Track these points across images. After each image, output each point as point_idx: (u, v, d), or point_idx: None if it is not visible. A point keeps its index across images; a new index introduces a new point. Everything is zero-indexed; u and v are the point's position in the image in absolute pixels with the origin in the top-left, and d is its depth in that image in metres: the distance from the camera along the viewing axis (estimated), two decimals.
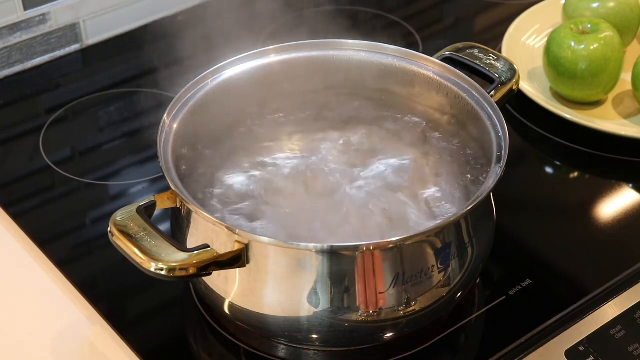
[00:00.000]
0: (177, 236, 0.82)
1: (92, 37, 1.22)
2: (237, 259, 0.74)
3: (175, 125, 0.85)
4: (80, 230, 0.98)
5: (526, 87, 1.10)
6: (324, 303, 0.76)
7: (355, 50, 0.93)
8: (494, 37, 1.21)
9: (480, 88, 0.88)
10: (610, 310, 0.87)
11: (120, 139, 1.09)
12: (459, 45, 0.94)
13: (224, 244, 0.75)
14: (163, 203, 0.79)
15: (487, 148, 0.84)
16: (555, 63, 1.07)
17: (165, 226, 0.90)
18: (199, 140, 0.89)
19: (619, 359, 0.84)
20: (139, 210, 0.76)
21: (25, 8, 1.15)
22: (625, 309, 0.87)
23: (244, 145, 0.91)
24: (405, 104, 0.93)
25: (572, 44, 1.06)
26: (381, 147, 0.91)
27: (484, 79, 0.91)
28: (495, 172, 0.79)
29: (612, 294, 0.89)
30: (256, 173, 0.88)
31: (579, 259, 0.93)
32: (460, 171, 0.88)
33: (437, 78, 0.90)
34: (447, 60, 0.92)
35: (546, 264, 0.92)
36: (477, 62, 0.92)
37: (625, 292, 0.89)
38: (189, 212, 0.79)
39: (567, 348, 0.84)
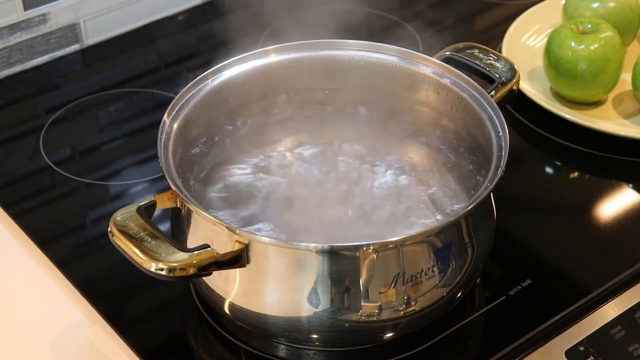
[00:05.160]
0: (177, 236, 0.82)
1: (92, 37, 1.22)
2: (237, 259, 0.74)
3: (175, 125, 0.85)
4: (80, 230, 0.98)
5: (526, 87, 1.10)
6: (324, 303, 0.76)
7: (355, 50, 0.93)
8: (494, 37, 1.21)
9: (480, 88, 0.88)
10: (610, 310, 0.87)
11: (120, 139, 1.09)
12: (459, 45, 0.94)
13: (224, 244, 0.75)
14: (163, 203, 0.79)
15: (487, 148, 0.84)
16: (555, 63, 1.07)
17: (165, 226, 0.90)
18: (199, 140, 0.89)
19: (619, 359, 0.84)
20: (139, 210, 0.76)
21: (25, 8, 1.15)
22: (625, 309, 0.87)
23: (244, 145, 0.91)
24: (405, 104, 0.93)
25: (572, 44, 1.06)
26: (381, 147, 0.91)
27: (484, 79, 0.91)
28: (495, 172, 0.79)
29: (612, 294, 0.89)
30: (256, 173, 0.88)
31: (579, 259, 0.93)
32: (460, 171, 0.88)
33: (437, 78, 0.90)
34: (447, 60, 0.92)
35: (546, 264, 0.92)
36: (477, 62, 0.92)
37: (625, 292, 0.89)
38: (189, 212, 0.79)
39: (567, 348, 0.84)
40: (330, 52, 0.93)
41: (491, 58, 0.92)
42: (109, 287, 0.91)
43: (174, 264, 0.72)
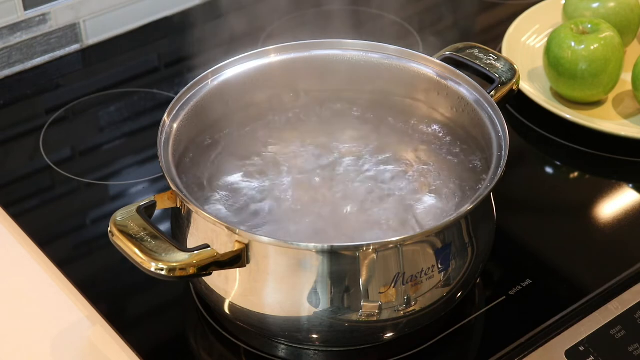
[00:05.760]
0: (177, 236, 0.82)
1: (92, 37, 1.22)
2: (237, 259, 0.74)
3: (175, 125, 0.85)
4: (80, 230, 0.98)
5: (526, 87, 1.10)
6: (324, 303, 0.76)
7: (355, 50, 0.93)
8: (494, 37, 1.21)
9: (480, 88, 0.88)
10: (610, 310, 0.87)
11: (120, 139, 1.09)
12: (459, 45, 0.94)
13: (224, 244, 0.75)
14: (163, 203, 0.79)
15: (487, 148, 0.84)
16: (555, 63, 1.07)
17: (165, 226, 0.90)
18: (199, 140, 0.89)
19: (619, 359, 0.84)
20: (139, 210, 0.76)
21: (25, 8, 1.15)
22: (625, 309, 0.87)
23: (244, 145, 0.91)
24: (405, 104, 0.93)
25: (572, 44, 1.06)
26: (381, 147, 0.91)
27: (484, 79, 0.91)
28: (495, 172, 0.79)
29: (612, 294, 0.89)
30: (256, 173, 0.88)
31: (579, 259, 0.93)
32: (460, 171, 0.88)
33: (437, 78, 0.91)
34: (447, 60, 0.92)
35: (546, 264, 0.92)
36: (477, 62, 0.92)
37: (625, 292, 0.89)
38: (189, 212, 0.79)
39: (567, 348, 0.84)
40: (330, 52, 0.93)
41: (491, 58, 0.92)
42: (109, 287, 0.91)
43: (174, 264, 0.72)
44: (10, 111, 1.13)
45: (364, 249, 0.74)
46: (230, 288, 0.78)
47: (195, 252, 0.73)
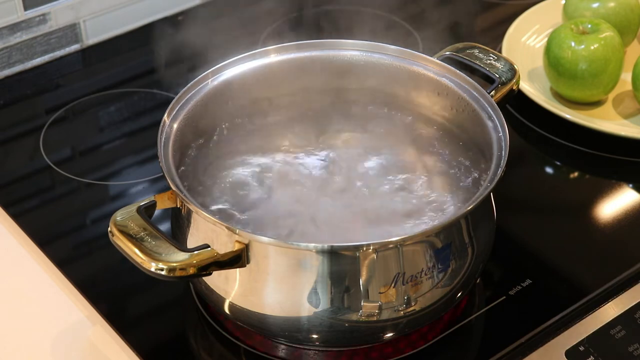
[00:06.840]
0: (177, 236, 0.82)
1: (92, 37, 1.22)
2: (237, 259, 0.74)
3: (175, 125, 0.85)
4: (80, 230, 0.98)
5: (526, 87, 1.10)
6: (324, 303, 0.76)
7: (355, 50, 0.93)
8: (494, 37, 1.21)
9: (481, 88, 0.88)
10: (610, 310, 0.87)
11: (120, 139, 1.09)
12: (459, 45, 0.94)
13: (224, 244, 0.75)
14: (163, 203, 0.79)
15: (487, 148, 0.84)
16: (555, 63, 1.07)
17: (165, 226, 0.90)
18: (199, 140, 0.89)
19: (619, 359, 0.84)
20: (139, 210, 0.76)
21: (25, 8, 1.15)
22: (625, 309, 0.87)
23: (244, 145, 0.91)
24: (405, 104, 0.93)
25: (573, 44, 1.06)
26: (381, 147, 0.91)
27: (484, 79, 0.91)
28: (495, 172, 0.79)
29: (612, 294, 0.89)
30: (256, 172, 0.88)
31: (579, 259, 0.93)
32: (460, 171, 0.88)
33: (437, 78, 0.90)
34: (447, 60, 0.92)
35: (546, 264, 0.92)
36: (477, 62, 0.92)
37: (625, 292, 0.89)
38: (189, 212, 0.79)
39: (567, 348, 0.84)
40: (330, 52, 0.93)
41: (491, 58, 0.92)
42: (109, 287, 0.91)
43: (174, 264, 0.72)
44: (10, 111, 1.13)
45: (364, 249, 0.74)
46: (230, 288, 0.78)
47: (195, 252, 0.73)
